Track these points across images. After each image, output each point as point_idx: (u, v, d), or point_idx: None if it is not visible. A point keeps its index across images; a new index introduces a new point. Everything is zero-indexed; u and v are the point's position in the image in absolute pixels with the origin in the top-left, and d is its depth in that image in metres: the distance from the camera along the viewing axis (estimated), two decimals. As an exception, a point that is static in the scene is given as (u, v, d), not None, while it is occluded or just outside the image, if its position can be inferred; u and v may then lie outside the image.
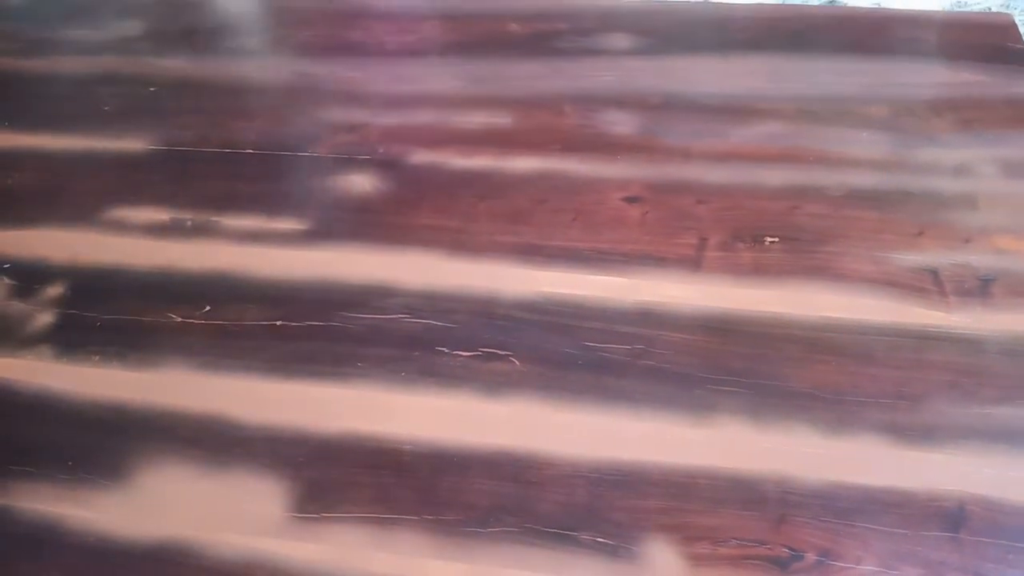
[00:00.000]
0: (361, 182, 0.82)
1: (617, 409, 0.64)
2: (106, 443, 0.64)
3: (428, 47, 0.99)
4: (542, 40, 0.98)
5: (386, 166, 0.84)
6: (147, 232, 0.79)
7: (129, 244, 0.78)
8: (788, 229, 0.75)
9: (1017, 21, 0.98)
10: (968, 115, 0.84)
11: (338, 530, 0.58)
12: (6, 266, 0.77)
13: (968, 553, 0.56)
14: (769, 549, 0.56)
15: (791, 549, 0.56)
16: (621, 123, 0.86)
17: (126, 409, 0.66)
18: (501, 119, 0.88)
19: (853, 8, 1.01)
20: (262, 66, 0.98)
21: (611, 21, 1.00)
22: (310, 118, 0.90)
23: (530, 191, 0.80)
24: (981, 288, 0.70)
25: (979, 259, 0.72)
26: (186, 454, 0.63)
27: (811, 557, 0.56)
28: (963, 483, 0.59)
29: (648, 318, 0.69)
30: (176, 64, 0.99)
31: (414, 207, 0.80)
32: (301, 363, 0.68)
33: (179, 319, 0.71)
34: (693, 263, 0.73)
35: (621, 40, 0.97)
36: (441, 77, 0.94)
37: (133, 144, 0.88)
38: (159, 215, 0.80)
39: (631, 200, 0.79)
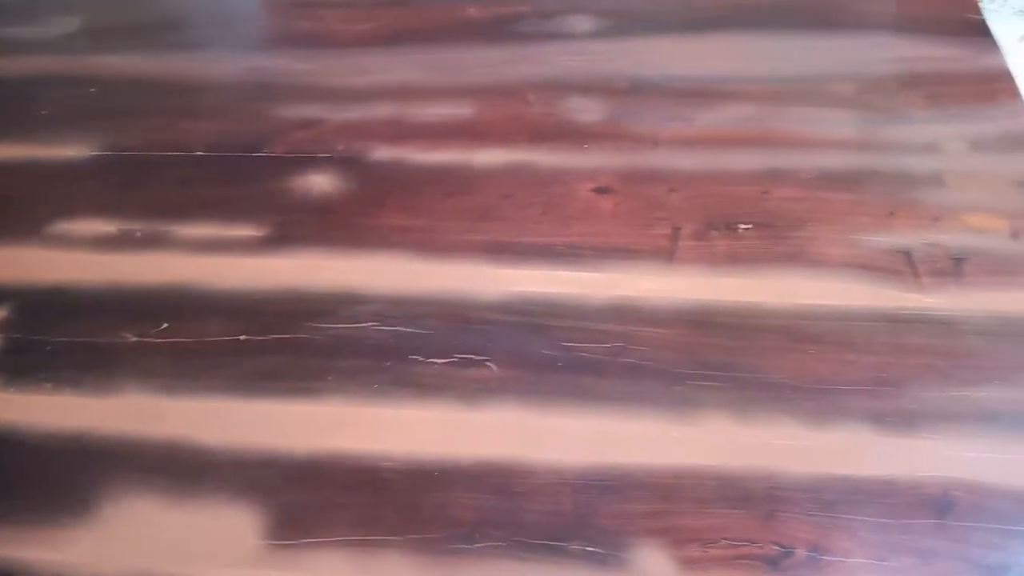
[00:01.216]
0: (321, 182, 0.79)
1: (599, 411, 0.62)
2: (66, 477, 0.61)
3: (383, 36, 0.95)
4: (502, 25, 0.95)
5: (346, 164, 0.81)
6: (95, 246, 0.75)
7: (76, 259, 0.74)
8: (761, 215, 0.74)
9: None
10: (933, 90, 0.84)
11: (318, 556, 0.56)
12: (-54, 288, 0.73)
13: (956, 539, 0.55)
14: (759, 548, 0.55)
15: (781, 546, 0.56)
16: (587, 110, 0.84)
17: (84, 439, 0.63)
18: (463, 110, 0.85)
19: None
20: (210, 62, 0.94)
21: (573, 3, 0.97)
22: (264, 116, 0.86)
23: (497, 185, 0.78)
24: (954, 267, 0.70)
25: (950, 238, 0.72)
26: (152, 484, 0.60)
27: (801, 553, 0.55)
28: (946, 468, 0.59)
29: (625, 314, 0.68)
30: (120, 62, 0.94)
31: (378, 207, 0.77)
32: (268, 380, 0.65)
33: (135, 338, 0.68)
34: (667, 254, 0.72)
35: (584, 22, 0.94)
36: (399, 67, 0.91)
37: (76, 151, 0.84)
38: (107, 227, 0.76)
39: (601, 191, 0.77)
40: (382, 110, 0.86)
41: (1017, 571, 0.54)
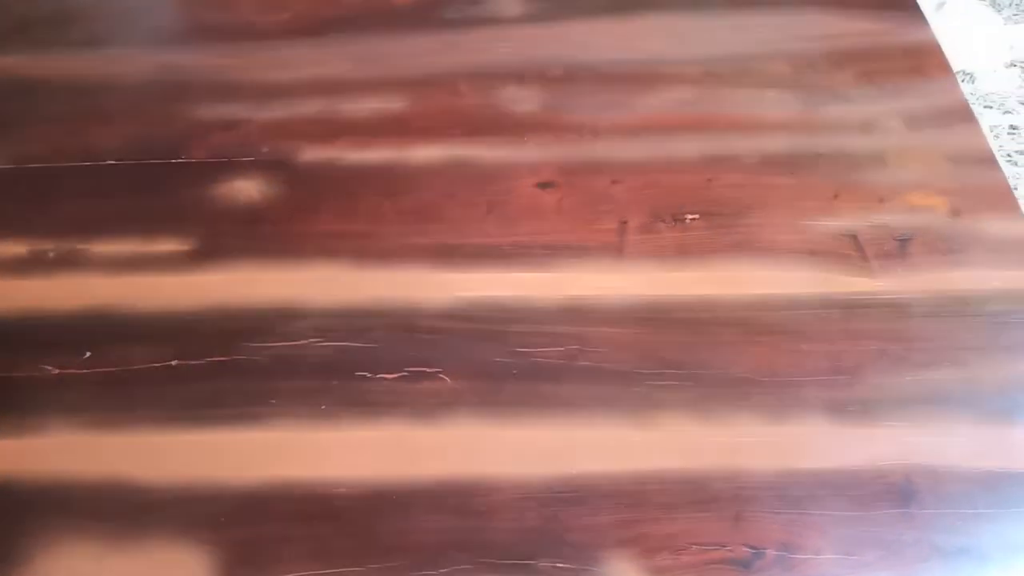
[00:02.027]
0: (247, 188, 0.74)
1: (559, 419, 0.60)
2: (-11, 528, 0.56)
3: (304, 26, 0.90)
4: (428, 10, 0.91)
5: (274, 167, 0.76)
6: (3, 270, 0.69)
7: (-17, 286, 0.68)
8: (707, 204, 0.73)
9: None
10: (868, 67, 0.84)
11: (275, 596, 0.53)
12: None
13: (920, 526, 0.56)
14: (730, 551, 0.55)
15: (751, 547, 0.55)
16: (523, 100, 0.81)
17: (9, 484, 0.58)
18: (395, 103, 0.81)
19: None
20: (116, 59, 0.87)
21: (499, -15, 0.93)
22: (180, 117, 0.80)
23: (437, 183, 0.74)
24: (900, 248, 0.70)
25: (894, 218, 0.72)
26: (88, 529, 0.56)
27: (772, 553, 0.55)
28: (906, 454, 0.59)
29: (578, 314, 0.66)
30: (12, 62, 0.86)
31: (311, 212, 0.72)
32: (206, 407, 0.61)
33: (56, 371, 0.63)
34: (616, 249, 0.70)
35: (512, 6, 0.91)
36: (322, 59, 0.86)
37: (-28, 164, 0.77)
38: (14, 247, 0.70)
39: (544, 185, 0.74)
40: (309, 107, 0.81)
41: (979, 553, 0.55)
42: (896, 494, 0.57)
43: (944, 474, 0.58)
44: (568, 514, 0.56)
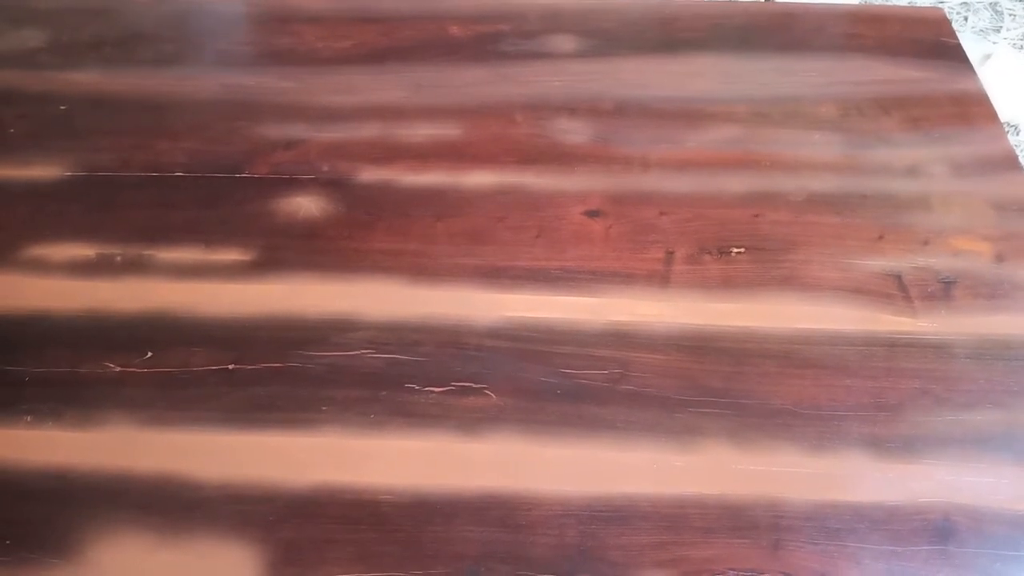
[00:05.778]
0: (307, 204, 0.77)
1: (601, 440, 0.62)
2: (48, 515, 0.58)
3: (364, 54, 0.93)
4: (485, 43, 0.94)
5: (332, 186, 0.79)
6: (72, 271, 0.72)
7: (52, 286, 0.71)
8: (753, 238, 0.74)
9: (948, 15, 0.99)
10: (915, 113, 0.85)
11: (320, 596, 0.54)
12: (-89, 316, 0.69)
13: (958, 565, 0.56)
14: (767, 578, 0.55)
15: (788, 575, 0.55)
16: (575, 131, 0.84)
17: (67, 475, 0.60)
18: (450, 130, 0.84)
19: (794, 4, 1.01)
20: (185, 78, 0.91)
21: (554, 22, 0.97)
22: (244, 135, 0.84)
23: (489, 208, 0.77)
24: (943, 291, 0.71)
25: (939, 261, 0.73)
26: (140, 522, 0.58)
27: (809, 583, 0.55)
28: (946, 493, 0.59)
29: (622, 339, 0.67)
30: (88, 78, 0.91)
31: (367, 230, 0.75)
32: (260, 411, 0.63)
33: (118, 368, 0.65)
34: (662, 278, 0.71)
35: (566, 42, 0.94)
36: (382, 86, 0.89)
37: (46, 171, 0.81)
38: (83, 251, 0.73)
39: (593, 214, 0.76)
40: (367, 130, 0.84)
41: (1019, 596, 0.55)
42: (934, 532, 0.57)
43: (983, 515, 0.58)
44: (607, 533, 0.57)
